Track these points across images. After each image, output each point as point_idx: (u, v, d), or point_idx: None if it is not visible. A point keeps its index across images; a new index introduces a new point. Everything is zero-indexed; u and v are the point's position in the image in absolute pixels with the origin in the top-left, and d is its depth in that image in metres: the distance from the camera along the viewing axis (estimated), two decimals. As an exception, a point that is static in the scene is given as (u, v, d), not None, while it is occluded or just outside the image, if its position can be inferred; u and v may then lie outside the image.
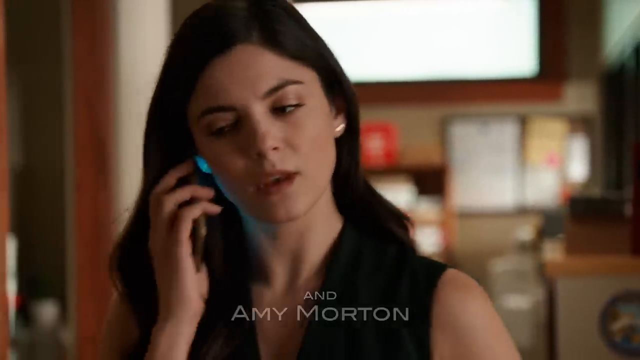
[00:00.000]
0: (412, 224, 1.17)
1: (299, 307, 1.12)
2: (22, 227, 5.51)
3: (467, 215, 6.73)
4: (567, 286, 2.57)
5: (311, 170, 1.08)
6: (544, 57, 6.70)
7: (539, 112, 6.81)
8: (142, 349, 1.12)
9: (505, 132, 6.81)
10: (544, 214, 5.47)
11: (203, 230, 1.10)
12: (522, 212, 6.82)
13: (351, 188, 1.15)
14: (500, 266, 6.34)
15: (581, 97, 6.74)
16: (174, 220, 1.10)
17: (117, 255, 1.15)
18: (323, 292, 1.12)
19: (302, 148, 1.07)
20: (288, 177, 1.07)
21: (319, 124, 1.09)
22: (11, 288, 5.15)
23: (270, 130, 1.06)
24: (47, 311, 5.29)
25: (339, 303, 1.11)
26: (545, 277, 2.97)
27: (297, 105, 1.07)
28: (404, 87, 6.69)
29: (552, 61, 6.69)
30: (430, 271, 1.12)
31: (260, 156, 1.05)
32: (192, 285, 1.09)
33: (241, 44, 1.06)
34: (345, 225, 1.15)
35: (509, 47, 6.77)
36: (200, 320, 1.11)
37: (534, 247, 6.10)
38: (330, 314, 1.11)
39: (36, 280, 5.43)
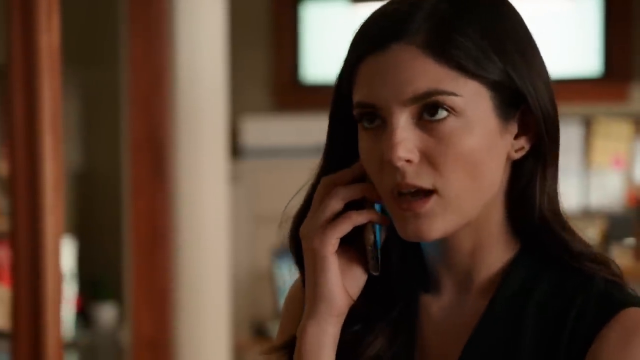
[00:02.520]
0: (613, 262, 1.09)
1: (462, 324, 1.09)
2: (82, 229, 5.53)
3: (531, 218, 6.62)
4: (637, 291, 2.50)
5: (453, 191, 1.02)
6: (610, 56, 6.58)
7: (605, 113, 6.69)
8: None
9: (569, 134, 6.70)
10: (610, 217, 5.37)
11: (372, 237, 1.07)
12: (587, 215, 6.70)
13: (527, 213, 1.07)
14: (565, 270, 6.23)
15: (648, 97, 6.61)
16: (335, 216, 1.06)
17: (290, 239, 1.13)
18: (484, 317, 1.07)
19: (444, 164, 1.01)
20: (424, 194, 1.01)
21: (473, 142, 1.01)
22: (72, 290, 5.16)
23: (407, 140, 1.00)
24: (106, 313, 5.30)
25: (500, 327, 1.06)
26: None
27: (449, 117, 1.00)
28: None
29: (618, 61, 6.57)
30: (604, 309, 1.03)
31: (391, 164, 1.01)
32: (336, 283, 1.06)
33: (399, 43, 1.01)
34: (521, 250, 1.08)
35: (573, 46, 6.66)
36: (358, 320, 1.09)
37: (599, 250, 5.97)
38: (490, 336, 1.06)
39: (97, 282, 5.44)
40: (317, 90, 5.38)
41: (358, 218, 1.06)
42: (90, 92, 5.62)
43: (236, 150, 5.23)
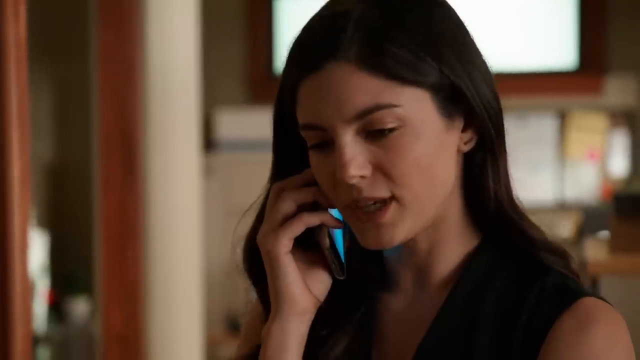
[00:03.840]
0: (571, 258, 1.09)
1: (420, 320, 1.09)
2: (55, 223, 5.50)
3: (506, 211, 6.63)
4: (612, 286, 2.51)
5: (410, 196, 1.02)
6: (585, 49, 6.59)
7: (579, 105, 6.70)
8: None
9: (544, 126, 6.71)
10: (584, 210, 5.38)
11: (326, 240, 1.07)
12: (561, 208, 6.72)
13: (484, 204, 1.07)
14: (539, 263, 6.25)
15: (622, 90, 6.62)
16: (287, 218, 1.07)
17: (244, 250, 1.14)
18: (442, 310, 1.08)
19: (398, 173, 1.01)
20: (383, 204, 1.01)
21: (422, 146, 1.02)
22: (44, 284, 5.13)
23: (357, 156, 1.01)
24: (79, 307, 5.27)
25: (458, 319, 1.07)
26: (588, 276, 2.90)
27: (394, 128, 1.01)
28: (441, 80, 6.60)
29: (592, 54, 6.58)
30: (560, 300, 1.04)
31: (344, 183, 1.01)
32: (293, 282, 1.06)
33: (335, 60, 1.01)
34: (481, 243, 1.09)
35: (548, 39, 6.67)
36: (325, 323, 1.09)
37: (573, 243, 6.00)
38: (447, 328, 1.06)
39: (69, 276, 5.41)
40: (292, 83, 5.36)
41: (310, 219, 1.06)
42: (62, 86, 5.58)
43: (210, 143, 5.21)
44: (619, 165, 6.69)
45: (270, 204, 1.09)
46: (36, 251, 5.09)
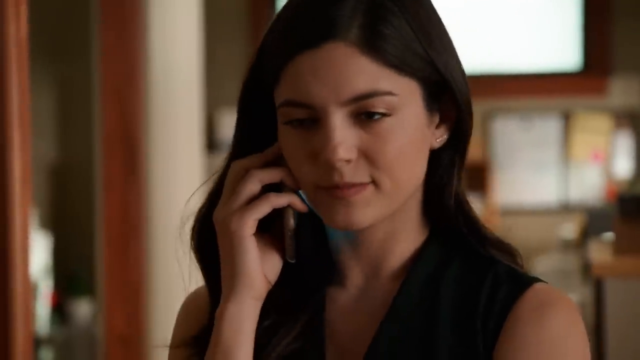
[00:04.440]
0: (520, 256, 1.09)
1: (373, 310, 1.08)
2: (58, 224, 5.49)
3: (509, 212, 6.62)
4: (616, 288, 2.49)
5: (389, 183, 1.02)
6: (589, 50, 6.58)
7: (583, 107, 6.68)
8: (209, 333, 1.07)
9: (548, 128, 6.69)
10: (588, 211, 5.36)
11: (292, 222, 1.06)
12: (565, 209, 6.70)
13: (442, 201, 1.07)
14: (543, 265, 6.23)
15: (627, 91, 6.61)
16: (252, 199, 1.04)
17: (195, 228, 1.11)
18: (397, 299, 1.07)
19: (381, 160, 1.01)
20: (360, 184, 1.00)
21: (407, 137, 1.02)
22: (47, 285, 5.12)
23: (346, 140, 1.00)
24: (82, 308, 5.26)
25: (414, 307, 1.06)
26: (592, 277, 2.88)
27: (385, 115, 1.00)
28: (445, 81, 6.59)
29: (597, 55, 6.57)
30: (514, 286, 1.05)
31: (329, 165, 0.99)
32: (255, 264, 1.04)
33: (334, 41, 0.99)
34: (430, 236, 1.09)
35: (552, 40, 6.65)
36: (273, 315, 1.07)
37: (577, 245, 5.98)
38: (404, 317, 1.05)
39: (73, 277, 5.40)
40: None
41: (278, 200, 1.04)
42: (65, 85, 5.58)
43: (212, 143, 5.20)
44: (623, 166, 6.67)
45: (231, 183, 1.06)
46: (39, 252, 5.09)
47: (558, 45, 6.62)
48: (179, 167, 3.22)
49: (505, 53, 6.65)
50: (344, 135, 0.99)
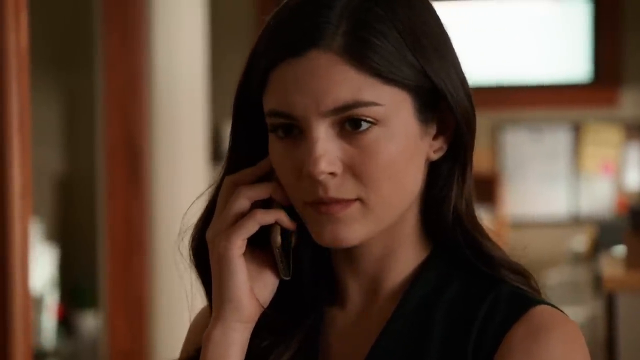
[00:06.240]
0: (532, 277, 1.04)
1: (368, 331, 1.04)
2: (64, 236, 5.47)
3: (519, 224, 6.57)
4: (629, 302, 2.46)
5: (376, 199, 0.97)
6: (599, 62, 6.54)
7: (594, 118, 6.65)
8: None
9: (558, 139, 6.65)
10: (599, 223, 5.32)
11: (279, 239, 1.02)
12: (576, 221, 6.65)
13: (440, 215, 1.03)
14: (554, 277, 6.19)
15: (637, 102, 6.57)
16: (240, 217, 1.01)
17: (192, 243, 1.08)
18: (389, 324, 1.03)
19: (367, 176, 0.96)
20: (346, 201, 0.96)
21: (396, 149, 0.97)
22: (53, 298, 5.09)
23: (328, 152, 0.95)
24: (88, 321, 5.24)
25: (407, 330, 1.02)
26: (604, 292, 2.84)
27: (371, 126, 0.95)
28: (454, 93, 6.56)
29: (607, 66, 6.53)
30: (513, 308, 0.99)
31: (312, 179, 0.95)
32: (243, 287, 1.01)
33: (317, 49, 0.95)
34: (432, 253, 1.04)
35: (562, 52, 6.62)
36: (268, 333, 1.04)
37: (588, 258, 5.94)
38: (396, 339, 1.02)
39: (79, 290, 5.38)
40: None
41: (264, 217, 1.01)
42: (70, 96, 5.56)
43: (218, 154, 5.17)
44: (634, 178, 6.62)
45: (222, 199, 1.03)
46: (45, 265, 5.06)
47: (568, 57, 6.59)
48: (184, 179, 3.19)
49: (515, 64, 6.62)
50: (326, 148, 0.95)
